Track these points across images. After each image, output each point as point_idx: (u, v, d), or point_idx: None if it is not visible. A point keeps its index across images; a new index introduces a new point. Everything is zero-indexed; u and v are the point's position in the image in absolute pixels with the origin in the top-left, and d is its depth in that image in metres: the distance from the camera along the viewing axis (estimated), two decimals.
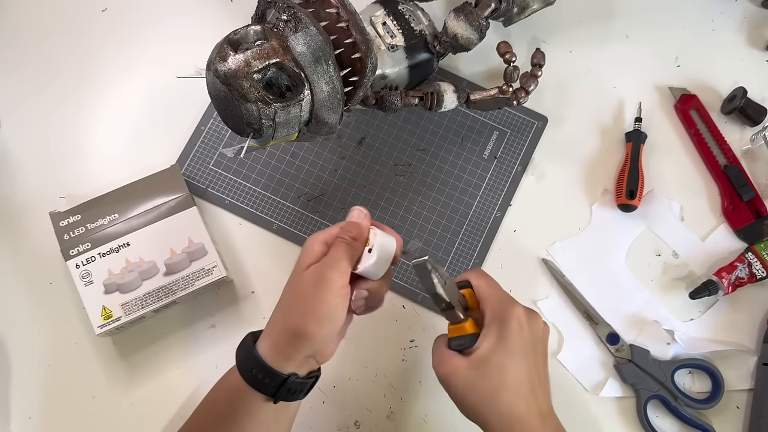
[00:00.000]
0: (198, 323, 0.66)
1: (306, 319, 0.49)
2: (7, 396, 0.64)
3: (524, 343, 0.51)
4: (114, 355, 0.65)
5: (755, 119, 0.71)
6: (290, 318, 0.50)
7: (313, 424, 0.64)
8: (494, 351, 0.50)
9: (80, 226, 0.64)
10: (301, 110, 0.53)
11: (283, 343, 0.50)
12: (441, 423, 0.65)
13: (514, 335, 0.50)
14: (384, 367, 0.66)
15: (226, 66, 0.50)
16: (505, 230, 0.69)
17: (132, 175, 0.67)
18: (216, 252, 0.64)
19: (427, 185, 0.70)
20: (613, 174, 0.71)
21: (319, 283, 0.49)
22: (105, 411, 0.64)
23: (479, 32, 0.65)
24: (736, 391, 0.65)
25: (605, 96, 0.73)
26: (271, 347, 0.50)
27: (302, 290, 0.50)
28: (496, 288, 0.54)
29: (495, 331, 0.51)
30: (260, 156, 0.70)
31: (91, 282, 0.63)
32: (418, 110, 0.71)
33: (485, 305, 0.53)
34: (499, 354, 0.50)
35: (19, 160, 0.70)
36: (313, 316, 0.49)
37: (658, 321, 0.67)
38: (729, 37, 0.75)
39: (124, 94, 0.72)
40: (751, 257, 0.66)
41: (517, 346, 0.51)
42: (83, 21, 0.74)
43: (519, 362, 0.50)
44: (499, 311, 0.51)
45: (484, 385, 0.50)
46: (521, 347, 0.51)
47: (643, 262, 0.69)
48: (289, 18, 0.52)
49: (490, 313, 0.52)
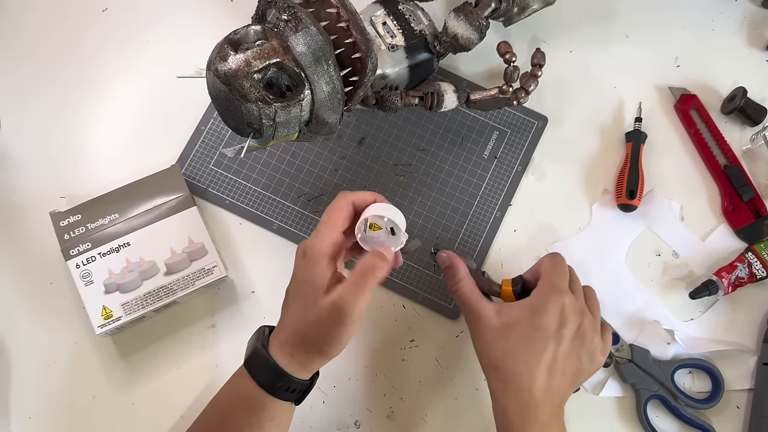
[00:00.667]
0: (198, 323, 0.66)
1: (328, 347, 0.50)
2: (7, 396, 0.64)
3: (559, 326, 0.53)
4: (114, 355, 0.65)
5: (755, 119, 0.71)
6: (312, 341, 0.50)
7: (313, 424, 0.64)
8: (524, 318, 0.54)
9: (80, 226, 0.64)
10: (302, 110, 0.53)
11: (303, 359, 0.51)
12: (441, 423, 0.65)
13: (549, 314, 0.53)
14: (384, 367, 0.66)
15: (227, 66, 0.50)
16: (505, 230, 0.69)
17: (132, 175, 0.67)
18: (216, 252, 0.64)
19: (427, 185, 0.70)
20: (613, 174, 0.71)
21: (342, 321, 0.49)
22: (105, 411, 0.64)
23: (479, 32, 0.65)
24: (736, 391, 0.65)
25: (605, 96, 0.73)
26: (290, 360, 0.51)
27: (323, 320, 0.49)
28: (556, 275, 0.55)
29: (530, 306, 0.54)
30: (260, 156, 0.70)
31: (91, 282, 0.63)
32: (418, 110, 0.71)
33: (538, 286, 0.55)
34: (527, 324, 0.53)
35: (19, 160, 0.70)
36: (335, 345, 0.50)
37: (658, 321, 0.67)
38: (729, 37, 0.75)
39: (125, 94, 0.72)
40: (751, 257, 0.66)
41: (550, 325, 0.53)
42: (83, 21, 0.74)
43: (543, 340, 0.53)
44: (546, 294, 0.54)
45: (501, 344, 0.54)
46: (553, 329, 0.53)
47: (643, 262, 0.69)
48: (289, 18, 0.52)
49: (538, 291, 0.55)
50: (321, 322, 0.49)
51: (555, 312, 0.53)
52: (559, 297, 0.54)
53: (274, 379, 0.51)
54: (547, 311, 0.53)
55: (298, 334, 0.51)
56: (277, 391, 0.51)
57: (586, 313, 0.55)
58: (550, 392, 0.53)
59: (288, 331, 0.51)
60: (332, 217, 0.53)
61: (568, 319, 0.53)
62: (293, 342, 0.51)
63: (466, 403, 0.65)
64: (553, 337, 0.53)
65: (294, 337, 0.51)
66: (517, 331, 0.54)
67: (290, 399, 0.52)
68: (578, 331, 0.54)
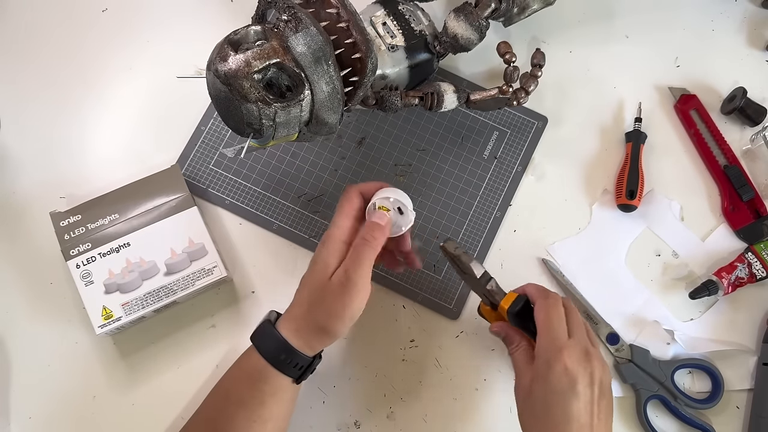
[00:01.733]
0: (198, 323, 0.66)
1: (333, 320, 0.53)
2: (7, 396, 0.64)
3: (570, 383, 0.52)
4: (114, 355, 0.65)
5: (755, 119, 0.71)
6: (317, 315, 0.53)
7: (313, 424, 0.64)
8: (537, 386, 0.53)
9: (80, 226, 0.64)
10: (302, 110, 0.53)
11: (307, 334, 0.54)
12: (441, 423, 0.65)
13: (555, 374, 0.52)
14: (384, 367, 0.66)
15: (227, 66, 0.50)
16: (505, 230, 0.69)
17: (132, 175, 0.67)
18: (216, 252, 0.64)
19: (427, 185, 0.70)
20: (613, 174, 0.71)
21: (345, 288, 0.52)
22: (105, 411, 0.64)
23: (479, 32, 0.65)
24: (736, 391, 0.65)
25: (605, 96, 0.73)
26: (295, 334, 0.54)
27: (329, 292, 0.53)
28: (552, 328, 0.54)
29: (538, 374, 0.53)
30: (260, 156, 0.70)
31: (91, 282, 0.63)
32: (418, 110, 0.71)
33: (537, 348, 0.54)
34: (541, 390, 0.52)
35: (19, 160, 0.70)
36: (339, 317, 0.53)
37: (658, 321, 0.67)
38: (729, 37, 0.75)
39: (125, 94, 0.72)
40: (751, 257, 0.66)
41: (561, 384, 0.52)
42: (84, 21, 0.74)
43: (562, 400, 0.51)
44: (546, 359, 0.53)
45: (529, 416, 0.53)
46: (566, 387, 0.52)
47: (643, 262, 0.69)
48: (289, 18, 0.52)
49: (538, 358, 0.54)
50: (327, 295, 0.52)
51: (562, 373, 0.52)
52: (560, 356, 0.52)
53: (278, 350, 0.53)
54: (555, 375, 0.52)
55: (306, 309, 0.54)
56: (280, 364, 0.53)
57: (590, 352, 0.54)
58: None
59: (296, 308, 0.54)
60: (343, 206, 0.56)
61: (577, 373, 0.52)
62: (301, 317, 0.54)
63: (466, 403, 0.65)
64: (571, 396, 0.51)
65: (302, 312, 0.54)
66: (538, 398, 0.52)
67: (292, 374, 0.54)
68: (591, 377, 0.52)
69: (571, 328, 0.55)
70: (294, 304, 0.55)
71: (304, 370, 0.54)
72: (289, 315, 0.55)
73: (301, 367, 0.54)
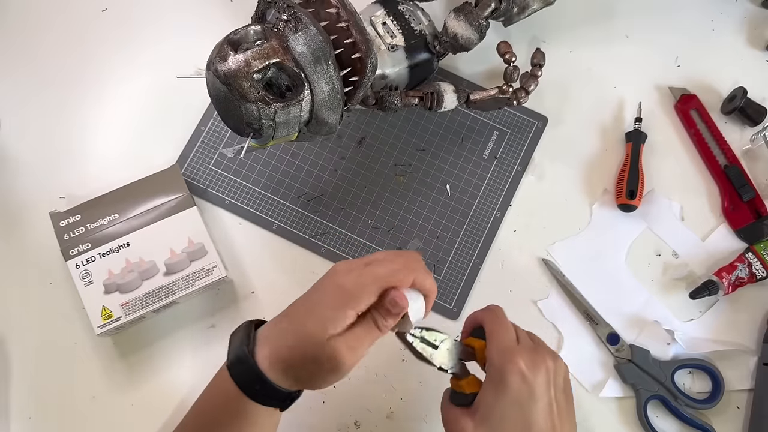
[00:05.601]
0: (198, 323, 0.66)
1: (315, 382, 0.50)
2: (7, 396, 0.64)
3: (528, 391, 0.50)
4: (114, 355, 0.65)
5: (755, 119, 0.71)
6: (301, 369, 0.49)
7: (313, 424, 0.64)
8: (493, 407, 0.51)
9: (80, 226, 0.64)
10: (301, 110, 0.53)
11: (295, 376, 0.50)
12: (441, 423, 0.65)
13: (514, 388, 0.50)
14: (384, 367, 0.66)
15: (226, 66, 0.50)
16: (505, 230, 0.69)
17: (132, 176, 0.67)
18: (216, 252, 0.64)
19: (427, 185, 0.70)
20: (613, 174, 0.71)
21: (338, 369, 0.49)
22: (105, 411, 0.64)
23: (479, 32, 0.65)
24: (736, 391, 0.65)
25: (605, 96, 0.73)
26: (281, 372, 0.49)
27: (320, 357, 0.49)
28: (500, 335, 0.53)
29: (493, 385, 0.51)
30: (260, 156, 0.70)
31: (91, 282, 0.63)
32: (418, 110, 0.71)
33: (488, 357, 0.53)
34: (498, 408, 0.50)
35: (19, 160, 0.70)
36: (323, 382, 0.50)
37: (658, 321, 0.67)
38: (729, 37, 0.75)
39: (125, 94, 0.72)
40: (751, 257, 0.66)
41: (519, 395, 0.50)
42: (83, 21, 0.73)
43: (520, 411, 0.50)
44: (499, 365, 0.51)
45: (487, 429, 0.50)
46: (526, 396, 0.50)
47: (643, 262, 0.69)
48: (289, 18, 0.52)
49: (490, 366, 0.52)
50: (317, 359, 0.49)
51: (518, 382, 0.50)
52: (512, 362, 0.50)
53: (259, 387, 0.49)
54: (512, 383, 0.50)
55: (289, 360, 0.49)
56: (262, 399, 0.50)
57: (541, 351, 0.52)
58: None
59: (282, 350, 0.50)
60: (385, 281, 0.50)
61: (533, 378, 0.50)
62: (282, 361, 0.49)
63: None
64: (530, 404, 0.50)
65: (285, 358, 0.49)
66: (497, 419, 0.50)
67: (275, 406, 0.51)
68: (547, 377, 0.51)
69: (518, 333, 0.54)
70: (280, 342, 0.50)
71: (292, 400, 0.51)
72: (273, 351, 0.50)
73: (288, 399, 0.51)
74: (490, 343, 0.53)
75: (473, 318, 0.57)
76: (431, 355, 0.54)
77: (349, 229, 0.68)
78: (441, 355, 0.54)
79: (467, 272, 0.68)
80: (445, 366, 0.54)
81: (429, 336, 0.54)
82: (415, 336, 0.54)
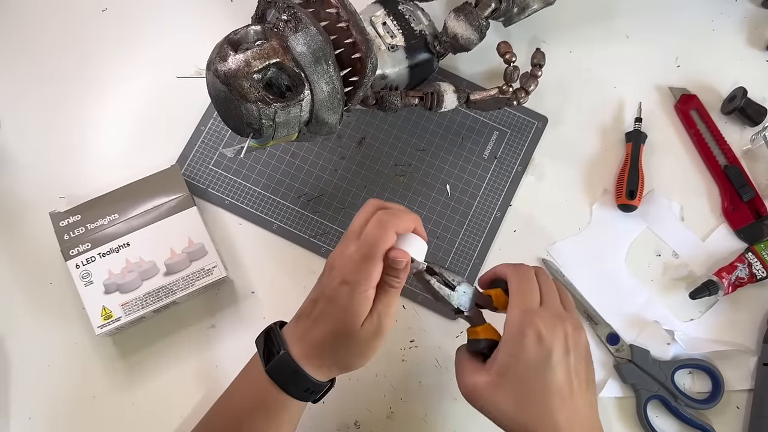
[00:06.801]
0: (198, 323, 0.66)
1: (358, 359, 0.52)
2: (7, 396, 0.64)
3: (546, 355, 0.50)
4: (114, 355, 0.65)
5: (755, 119, 0.71)
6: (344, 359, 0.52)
7: (313, 424, 0.64)
8: (511, 366, 0.50)
9: (80, 226, 0.64)
10: (301, 110, 0.53)
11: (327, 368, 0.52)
12: (441, 423, 0.65)
13: (531, 350, 0.50)
14: (384, 367, 0.66)
15: (226, 66, 0.50)
16: (505, 230, 0.69)
17: (132, 175, 0.67)
18: (216, 252, 0.64)
19: (427, 185, 0.70)
20: (613, 174, 0.71)
21: (377, 336, 0.51)
22: (105, 411, 0.64)
23: (479, 32, 0.65)
24: (736, 391, 0.65)
25: (605, 96, 0.73)
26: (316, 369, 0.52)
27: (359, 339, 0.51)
28: (524, 295, 0.53)
29: (510, 345, 0.51)
30: (260, 156, 0.70)
31: (91, 282, 0.63)
32: (418, 110, 0.71)
33: (508, 315, 0.52)
34: (518, 368, 0.50)
35: (19, 160, 0.70)
36: (366, 358, 0.52)
37: (658, 321, 0.67)
38: (729, 37, 0.75)
39: (125, 94, 0.72)
40: (751, 257, 0.66)
41: (536, 358, 0.50)
42: (83, 21, 0.73)
43: (541, 374, 0.50)
44: (518, 325, 0.51)
45: (505, 400, 0.50)
46: (543, 359, 0.50)
47: (643, 262, 0.69)
48: (289, 18, 0.52)
49: (509, 325, 0.52)
50: (357, 341, 0.51)
51: (534, 343, 0.50)
52: (531, 324, 0.50)
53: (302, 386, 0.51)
54: (528, 345, 0.50)
55: (331, 350, 0.51)
56: (303, 396, 0.52)
57: (563, 317, 0.52)
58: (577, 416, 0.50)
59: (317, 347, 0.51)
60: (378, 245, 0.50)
61: (551, 341, 0.50)
62: (321, 354, 0.51)
63: (466, 404, 0.65)
64: (546, 368, 0.50)
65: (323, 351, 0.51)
66: (512, 378, 0.50)
67: (312, 400, 0.53)
68: (566, 344, 0.51)
69: (544, 296, 0.53)
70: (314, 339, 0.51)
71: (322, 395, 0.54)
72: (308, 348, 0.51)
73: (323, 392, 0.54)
74: (513, 302, 0.53)
75: (497, 271, 0.57)
76: (449, 295, 0.54)
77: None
78: (458, 295, 0.55)
79: (467, 272, 0.68)
80: (462, 307, 0.54)
81: (447, 275, 0.55)
82: (433, 273, 0.54)
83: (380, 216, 0.51)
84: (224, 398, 0.55)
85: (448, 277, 0.54)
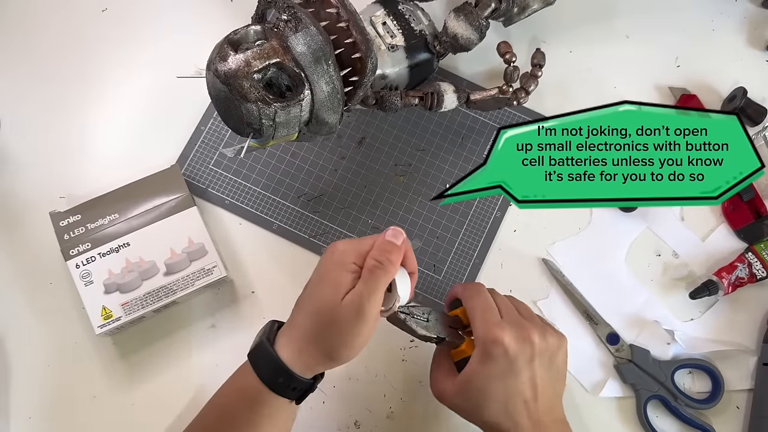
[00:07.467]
0: (198, 323, 0.66)
1: (342, 349, 0.51)
2: (7, 396, 0.64)
3: (510, 365, 0.52)
4: (114, 355, 0.65)
5: (755, 119, 0.71)
6: (325, 341, 0.51)
7: (313, 424, 0.64)
8: (476, 375, 0.53)
9: (80, 226, 0.64)
10: (301, 110, 0.53)
11: (309, 358, 0.51)
12: (441, 423, 0.65)
13: (496, 360, 0.52)
14: (384, 367, 0.66)
15: (226, 66, 0.50)
16: (505, 230, 0.69)
17: (132, 175, 0.67)
18: (216, 252, 0.64)
19: (427, 185, 0.70)
20: None
21: (358, 317, 0.50)
22: (105, 411, 0.64)
23: (479, 32, 0.65)
24: (736, 391, 0.65)
25: (605, 96, 0.72)
26: (296, 358, 0.51)
27: (340, 320, 0.50)
28: (481, 310, 0.54)
29: (479, 357, 0.53)
30: (260, 156, 0.70)
31: (91, 282, 0.63)
32: (418, 110, 0.71)
33: (474, 332, 0.54)
34: (481, 378, 0.52)
35: (19, 160, 0.70)
36: (350, 347, 0.51)
37: (658, 321, 0.67)
38: (729, 37, 0.75)
39: (125, 94, 0.72)
40: (751, 257, 0.66)
41: (500, 369, 0.52)
42: (83, 21, 0.74)
43: (501, 383, 0.52)
44: (483, 337, 0.53)
45: (467, 406, 0.54)
46: (506, 369, 0.52)
47: (643, 262, 0.69)
48: (289, 18, 0.52)
49: (477, 340, 0.54)
50: (338, 320, 0.50)
51: (501, 354, 0.52)
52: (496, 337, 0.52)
53: (275, 374, 0.51)
54: (494, 357, 0.52)
55: (313, 333, 0.51)
56: (278, 387, 0.51)
57: (525, 325, 0.53)
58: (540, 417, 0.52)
59: (300, 329, 0.51)
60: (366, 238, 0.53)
61: (516, 350, 0.52)
62: (304, 339, 0.51)
63: None
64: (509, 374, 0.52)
65: (307, 334, 0.51)
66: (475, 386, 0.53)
67: (290, 396, 0.52)
68: (531, 350, 0.52)
69: (501, 308, 0.54)
70: (296, 322, 0.52)
71: (304, 392, 0.52)
72: (292, 335, 0.51)
73: (300, 390, 0.52)
74: (474, 319, 0.54)
75: (453, 293, 0.58)
76: (426, 327, 0.55)
77: (349, 229, 0.68)
78: (433, 326, 0.56)
79: (467, 272, 0.68)
80: (442, 335, 0.55)
81: (417, 311, 0.55)
82: (405, 314, 0.55)
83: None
84: (218, 391, 0.55)
85: (418, 313, 0.55)
